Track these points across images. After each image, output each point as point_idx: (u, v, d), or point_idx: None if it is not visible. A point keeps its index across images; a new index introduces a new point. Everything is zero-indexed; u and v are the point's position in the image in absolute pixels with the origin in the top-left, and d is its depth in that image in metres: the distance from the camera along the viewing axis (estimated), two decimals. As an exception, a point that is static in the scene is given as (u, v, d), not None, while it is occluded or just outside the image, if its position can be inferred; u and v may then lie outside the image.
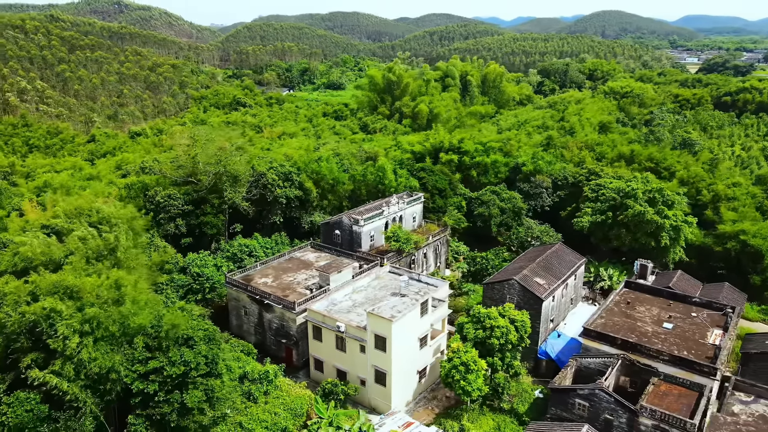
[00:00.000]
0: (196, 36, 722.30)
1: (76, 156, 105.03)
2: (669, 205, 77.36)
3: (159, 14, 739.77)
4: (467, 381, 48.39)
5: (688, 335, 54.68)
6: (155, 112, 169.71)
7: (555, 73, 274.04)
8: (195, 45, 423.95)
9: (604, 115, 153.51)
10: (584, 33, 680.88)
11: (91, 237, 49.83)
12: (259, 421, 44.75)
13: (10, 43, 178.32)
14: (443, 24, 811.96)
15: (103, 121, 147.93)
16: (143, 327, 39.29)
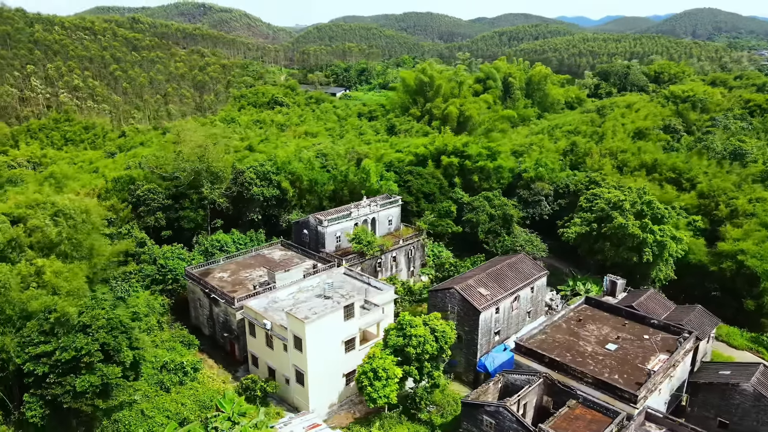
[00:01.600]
0: (272, 37, 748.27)
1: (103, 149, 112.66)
2: (658, 219, 72.43)
3: (239, 16, 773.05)
4: (374, 387, 47.95)
5: (628, 358, 51.28)
6: (194, 110, 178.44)
7: (614, 75, 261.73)
8: (263, 45, 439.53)
9: (646, 121, 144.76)
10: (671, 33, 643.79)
11: (44, 227, 53.68)
12: (162, 410, 46.61)
13: (76, 43, 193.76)
14: (520, 23, 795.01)
15: (143, 117, 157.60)
16: (36, 313, 42.08)
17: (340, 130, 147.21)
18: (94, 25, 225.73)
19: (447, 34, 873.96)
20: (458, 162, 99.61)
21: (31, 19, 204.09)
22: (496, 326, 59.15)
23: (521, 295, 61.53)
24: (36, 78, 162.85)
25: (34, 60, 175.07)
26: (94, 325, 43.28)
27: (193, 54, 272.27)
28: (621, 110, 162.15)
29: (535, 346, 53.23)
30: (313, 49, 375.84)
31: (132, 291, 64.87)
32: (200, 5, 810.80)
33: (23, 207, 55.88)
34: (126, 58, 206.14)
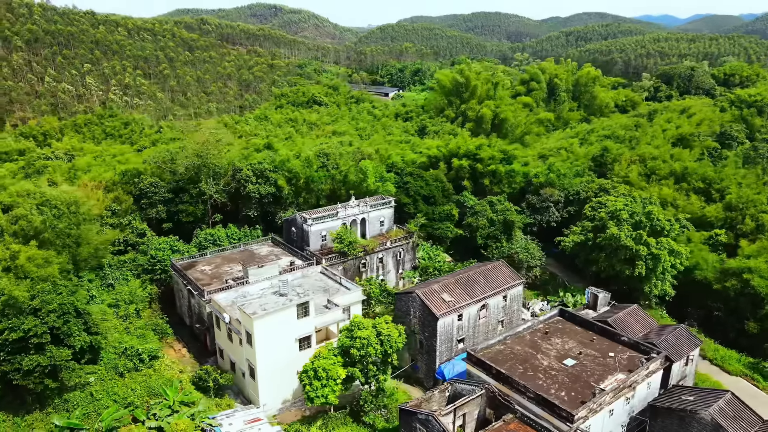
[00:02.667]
0: (338, 37, 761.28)
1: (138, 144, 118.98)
2: (658, 231, 68.20)
3: (307, 17, 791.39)
4: (312, 387, 48.23)
5: (583, 375, 48.78)
6: (235, 107, 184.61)
7: (677, 77, 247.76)
8: (324, 45, 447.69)
9: (701, 127, 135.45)
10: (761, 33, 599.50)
11: (29, 215, 57.67)
12: (110, 394, 48.92)
13: (137, 43, 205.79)
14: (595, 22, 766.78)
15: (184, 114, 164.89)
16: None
17: (371, 130, 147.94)
18: (154, 27, 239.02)
19: (515, 34, 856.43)
20: (469, 165, 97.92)
21: (98, 21, 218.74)
22: (460, 334, 57.79)
23: (490, 304, 59.76)
24: (91, 76, 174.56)
25: (93, 59, 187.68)
26: (44, 308, 46.01)
27: (249, 54, 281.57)
28: (669, 114, 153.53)
29: (489, 356, 51.67)
30: (369, 50, 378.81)
31: (122, 279, 68.36)
32: (272, 7, 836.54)
33: (15, 196, 60.08)
34: (179, 58, 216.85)
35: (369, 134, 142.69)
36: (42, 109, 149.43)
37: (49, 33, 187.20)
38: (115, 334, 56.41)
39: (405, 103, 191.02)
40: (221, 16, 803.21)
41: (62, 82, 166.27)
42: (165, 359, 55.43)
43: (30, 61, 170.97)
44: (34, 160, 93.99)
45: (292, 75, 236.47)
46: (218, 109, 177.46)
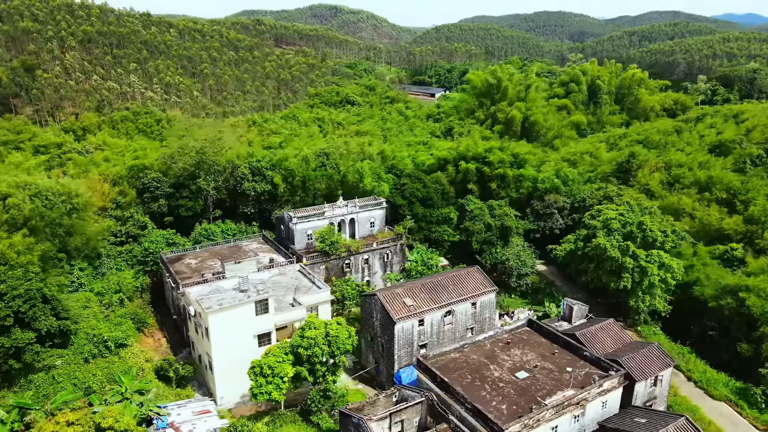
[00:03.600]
0: (395, 37, 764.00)
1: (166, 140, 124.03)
2: (650, 242, 64.64)
3: (366, 17, 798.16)
4: (257, 383, 48.89)
5: (532, 389, 47.10)
6: (268, 106, 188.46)
7: (738, 80, 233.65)
8: (375, 46, 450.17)
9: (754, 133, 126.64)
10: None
11: (21, 204, 61.46)
12: (71, 378, 51.44)
13: (186, 43, 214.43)
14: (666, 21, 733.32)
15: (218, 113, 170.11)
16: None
17: (397, 130, 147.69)
18: (204, 28, 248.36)
19: (578, 34, 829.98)
20: (476, 168, 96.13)
21: (151, 23, 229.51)
22: (422, 339, 56.93)
23: (457, 310, 58.49)
24: (135, 75, 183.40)
25: (139, 59, 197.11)
26: (10, 293, 48.95)
27: (297, 54, 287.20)
28: (713, 119, 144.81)
29: (440, 364, 50.83)
30: (418, 50, 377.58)
31: (115, 269, 71.54)
32: (332, 8, 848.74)
33: (13, 186, 64.12)
34: (222, 58, 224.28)
35: (394, 134, 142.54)
36: (86, 105, 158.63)
37: (102, 34, 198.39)
38: (92, 321, 59.12)
39: (440, 104, 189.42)
40: (283, 17, 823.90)
41: (108, 81, 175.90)
42: (133, 348, 57.56)
43: (82, 60, 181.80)
44: (62, 153, 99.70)
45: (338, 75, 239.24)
46: (252, 108, 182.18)
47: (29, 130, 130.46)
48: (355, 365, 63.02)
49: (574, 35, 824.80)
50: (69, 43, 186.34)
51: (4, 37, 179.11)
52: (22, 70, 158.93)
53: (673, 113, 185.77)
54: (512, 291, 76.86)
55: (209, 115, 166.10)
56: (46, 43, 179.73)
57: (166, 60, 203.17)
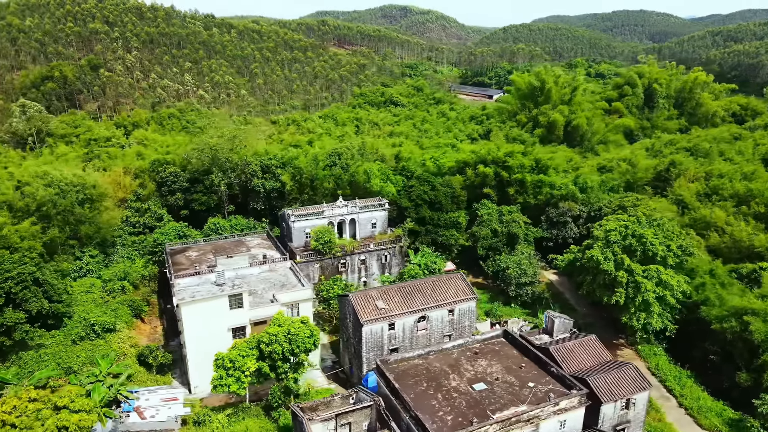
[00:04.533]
0: (464, 38, 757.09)
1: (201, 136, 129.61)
2: (650, 256, 60.81)
3: (435, 18, 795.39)
4: (217, 375, 50.23)
5: (485, 403, 45.65)
6: (313, 105, 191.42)
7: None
8: (438, 46, 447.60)
9: None
10: None
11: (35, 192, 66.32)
12: (56, 358, 54.92)
13: (243, 44, 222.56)
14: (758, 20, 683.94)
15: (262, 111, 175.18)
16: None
17: (434, 131, 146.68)
18: (262, 28, 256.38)
19: (659, 34, 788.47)
20: (494, 172, 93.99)
21: (213, 24, 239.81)
22: (392, 343, 56.39)
23: (432, 316, 57.47)
24: (190, 74, 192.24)
25: (195, 59, 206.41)
26: (2, 275, 52.92)
27: (354, 55, 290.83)
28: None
29: (399, 369, 50.27)
30: (479, 51, 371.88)
31: (128, 257, 75.56)
32: (402, 8, 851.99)
33: (33, 176, 69.20)
34: (275, 58, 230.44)
35: (430, 136, 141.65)
36: (140, 102, 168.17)
37: (163, 35, 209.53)
38: (89, 306, 62.87)
39: (486, 106, 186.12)
40: (353, 18, 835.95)
41: (164, 79, 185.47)
42: (121, 333, 60.56)
43: (142, 60, 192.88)
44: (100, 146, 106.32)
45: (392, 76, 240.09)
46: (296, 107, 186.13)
47: (86, 124, 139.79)
48: (334, 364, 63.36)
49: (655, 35, 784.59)
50: (132, 44, 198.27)
51: (75, 37, 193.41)
52: (89, 68, 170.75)
53: (741, 119, 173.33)
54: (513, 300, 74.50)
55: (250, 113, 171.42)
56: (112, 44, 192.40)
57: (219, 60, 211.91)
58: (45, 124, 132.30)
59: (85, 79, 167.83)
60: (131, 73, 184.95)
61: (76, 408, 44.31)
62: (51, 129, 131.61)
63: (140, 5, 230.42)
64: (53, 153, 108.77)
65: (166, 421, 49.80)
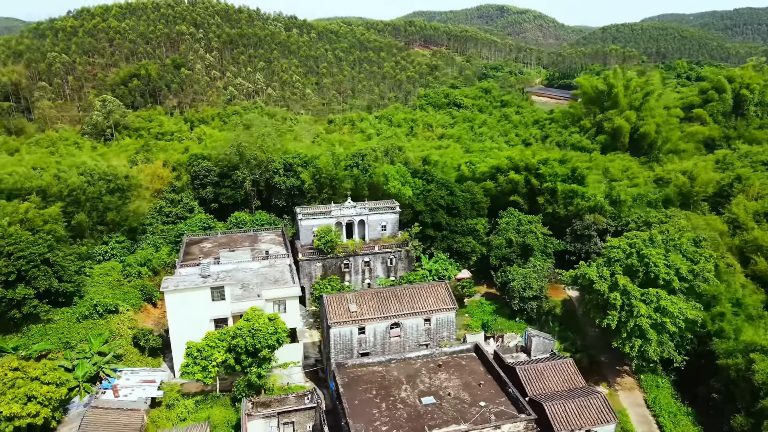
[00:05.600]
0: (562, 38, 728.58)
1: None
2: (650, 278, 55.77)
3: (532, 17, 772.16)
4: (185, 363, 52.53)
5: (425, 419, 44.43)
6: (376, 105, 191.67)
7: None
8: (527, 47, 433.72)
9: None
10: None
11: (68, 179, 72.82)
12: (58, 332, 59.99)
13: (319, 44, 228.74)
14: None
15: (323, 109, 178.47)
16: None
17: (488, 135, 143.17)
18: (340, 29, 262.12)
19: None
20: (524, 180, 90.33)
21: (294, 25, 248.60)
22: (363, 347, 55.97)
23: (406, 324, 56.35)
24: (261, 73, 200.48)
25: (269, 58, 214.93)
26: (16, 254, 58.62)
27: (434, 56, 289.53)
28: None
29: (353, 375, 50.14)
30: (567, 52, 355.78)
31: (154, 245, 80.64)
32: (499, 8, 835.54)
33: (70, 165, 75.91)
34: (347, 58, 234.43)
35: (483, 139, 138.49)
36: (211, 100, 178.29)
37: (243, 36, 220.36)
38: (102, 287, 68.05)
39: (553, 110, 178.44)
40: (449, 18, 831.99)
41: (237, 78, 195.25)
42: (124, 315, 64.79)
43: (220, 59, 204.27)
44: (153, 139, 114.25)
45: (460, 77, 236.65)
46: (359, 107, 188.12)
47: (159, 119, 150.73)
48: (316, 363, 63.93)
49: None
50: (213, 44, 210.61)
51: (164, 38, 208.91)
52: (172, 67, 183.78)
53: None
54: (518, 314, 71.10)
55: (308, 112, 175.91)
56: (194, 44, 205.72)
57: (291, 59, 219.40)
58: (123, 118, 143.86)
59: (167, 78, 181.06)
60: (209, 71, 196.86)
61: (47, 380, 48.26)
62: (127, 122, 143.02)
63: (228, 7, 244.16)
64: (119, 144, 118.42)
65: (136, 401, 52.77)
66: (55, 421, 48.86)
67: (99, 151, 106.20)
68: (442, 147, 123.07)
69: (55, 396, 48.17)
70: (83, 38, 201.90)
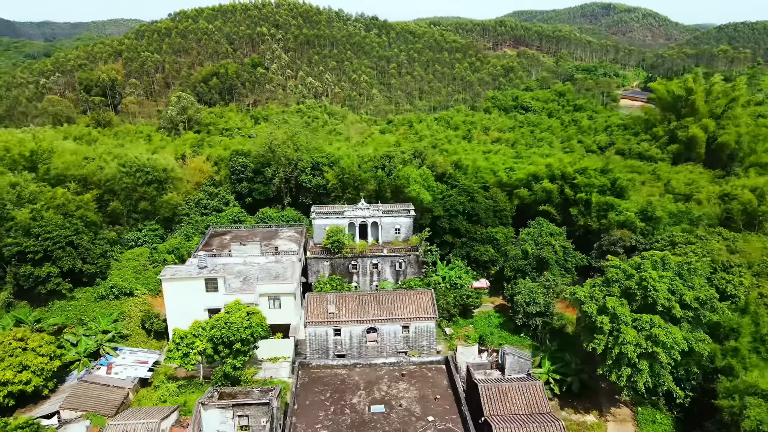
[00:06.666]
0: (674, 37, 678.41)
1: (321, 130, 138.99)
2: (649, 304, 51.12)
3: (642, 15, 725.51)
4: (168, 348, 55.51)
5: (369, 427, 43.99)
6: (442, 106, 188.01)
7: None
8: (626, 47, 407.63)
9: None
10: None
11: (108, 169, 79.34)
12: (76, 309, 65.59)
13: (395, 44, 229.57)
14: None
15: (384, 110, 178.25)
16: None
17: (547, 140, 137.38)
18: (418, 29, 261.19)
19: None
20: (558, 189, 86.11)
21: (374, 26, 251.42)
22: (339, 349, 56.16)
23: (383, 330, 55.76)
24: (332, 73, 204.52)
25: (341, 58, 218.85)
26: (43, 235, 64.77)
27: (519, 57, 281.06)
28: None
29: (313, 376, 50.67)
30: (669, 53, 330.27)
31: (185, 235, 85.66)
32: (605, 6, 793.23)
33: (112, 156, 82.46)
34: (420, 59, 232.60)
35: (540, 145, 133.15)
36: (281, 98, 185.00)
37: (319, 37, 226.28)
38: (126, 271, 73.40)
39: (631, 115, 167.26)
40: (549, 18, 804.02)
41: (309, 77, 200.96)
42: (137, 299, 69.46)
43: (294, 59, 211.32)
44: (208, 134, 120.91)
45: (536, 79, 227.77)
46: (424, 108, 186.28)
47: (228, 116, 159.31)
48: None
49: None
50: (290, 44, 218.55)
51: (246, 39, 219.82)
52: (250, 66, 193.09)
53: None
54: (524, 329, 67.83)
55: (373, 112, 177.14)
56: (272, 45, 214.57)
57: (363, 60, 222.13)
58: (196, 114, 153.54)
59: (243, 76, 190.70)
60: (283, 71, 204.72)
61: (42, 352, 53.01)
62: (200, 118, 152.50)
63: (309, 9, 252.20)
64: (180, 138, 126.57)
65: (125, 380, 56.57)
66: (47, 390, 53.51)
67: (159, 144, 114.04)
68: (491, 151, 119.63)
69: (47, 367, 52.81)
70: (174, 39, 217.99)
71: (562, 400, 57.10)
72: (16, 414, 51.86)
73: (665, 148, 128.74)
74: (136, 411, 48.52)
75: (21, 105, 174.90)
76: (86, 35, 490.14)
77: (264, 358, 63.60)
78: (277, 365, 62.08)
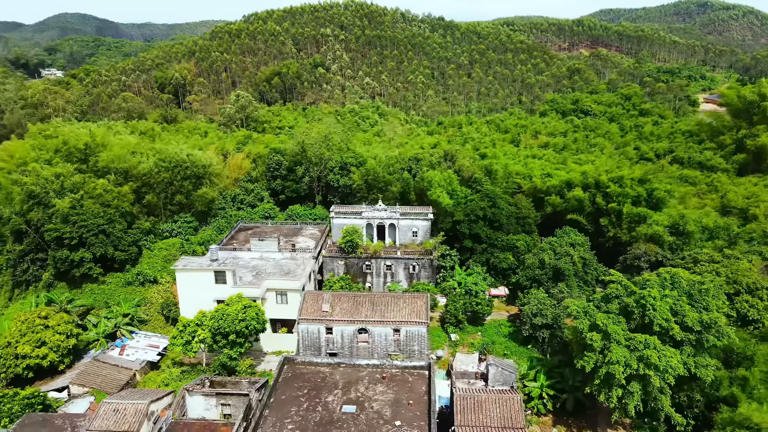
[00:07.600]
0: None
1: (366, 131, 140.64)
2: (647, 323, 48.30)
3: (742, 14, 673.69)
4: (173, 335, 58.68)
5: (336, 426, 44.62)
6: (497, 109, 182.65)
7: None
8: (717, 47, 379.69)
9: None
10: None
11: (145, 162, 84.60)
12: (104, 293, 70.59)
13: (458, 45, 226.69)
14: None
15: (436, 111, 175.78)
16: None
17: (600, 146, 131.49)
18: (483, 30, 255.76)
19: None
20: (589, 198, 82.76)
21: (440, 26, 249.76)
22: (330, 347, 57.06)
23: (374, 332, 56.04)
24: (389, 74, 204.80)
25: (402, 59, 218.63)
26: (79, 223, 70.27)
27: (591, 57, 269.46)
28: None
29: (295, 372, 52.01)
30: (762, 54, 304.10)
31: (216, 228, 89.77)
32: (701, 4, 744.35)
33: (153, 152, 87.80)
34: (481, 60, 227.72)
35: (592, 151, 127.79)
36: (336, 96, 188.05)
37: (381, 38, 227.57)
38: (155, 260, 78.06)
39: (699, 122, 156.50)
40: (638, 17, 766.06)
41: (366, 78, 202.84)
42: (161, 286, 73.61)
43: (354, 59, 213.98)
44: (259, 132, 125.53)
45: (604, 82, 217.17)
46: (476, 110, 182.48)
47: (283, 114, 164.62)
48: (309, 356, 66.20)
49: None
50: (351, 45, 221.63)
51: (310, 40, 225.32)
52: (311, 66, 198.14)
53: None
54: (531, 341, 65.76)
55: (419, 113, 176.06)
56: (334, 45, 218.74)
57: (422, 60, 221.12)
58: (254, 112, 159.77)
59: (304, 76, 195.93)
60: (343, 71, 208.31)
61: (60, 330, 57.70)
62: (258, 116, 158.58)
63: (376, 9, 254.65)
64: (231, 135, 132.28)
65: (134, 361, 60.40)
66: (63, 365, 58.16)
67: (210, 140, 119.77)
68: (535, 156, 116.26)
69: (63, 344, 57.44)
70: (243, 40, 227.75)
71: (556, 417, 55.05)
72: (35, 386, 56.78)
73: (730, 158, 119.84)
74: (132, 392, 51.70)
75: (102, 101, 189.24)
76: (180, 36, 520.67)
77: (269, 351, 65.90)
78: (279, 358, 64.03)
